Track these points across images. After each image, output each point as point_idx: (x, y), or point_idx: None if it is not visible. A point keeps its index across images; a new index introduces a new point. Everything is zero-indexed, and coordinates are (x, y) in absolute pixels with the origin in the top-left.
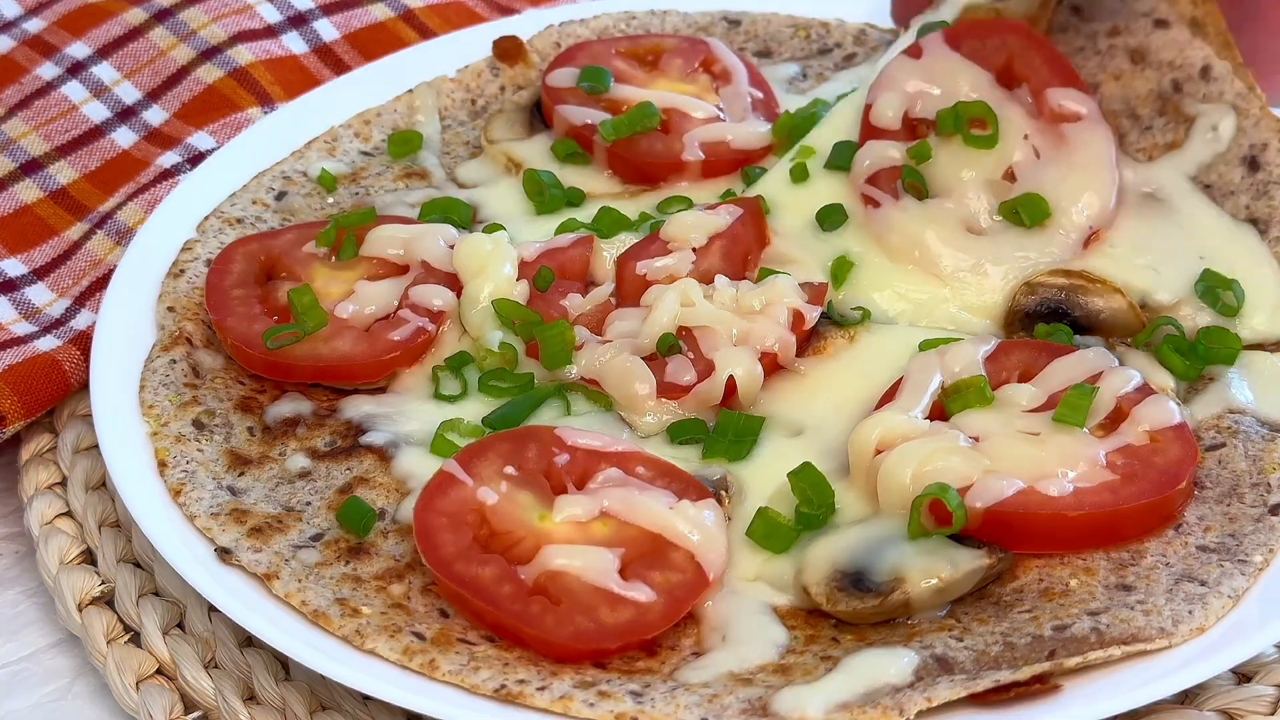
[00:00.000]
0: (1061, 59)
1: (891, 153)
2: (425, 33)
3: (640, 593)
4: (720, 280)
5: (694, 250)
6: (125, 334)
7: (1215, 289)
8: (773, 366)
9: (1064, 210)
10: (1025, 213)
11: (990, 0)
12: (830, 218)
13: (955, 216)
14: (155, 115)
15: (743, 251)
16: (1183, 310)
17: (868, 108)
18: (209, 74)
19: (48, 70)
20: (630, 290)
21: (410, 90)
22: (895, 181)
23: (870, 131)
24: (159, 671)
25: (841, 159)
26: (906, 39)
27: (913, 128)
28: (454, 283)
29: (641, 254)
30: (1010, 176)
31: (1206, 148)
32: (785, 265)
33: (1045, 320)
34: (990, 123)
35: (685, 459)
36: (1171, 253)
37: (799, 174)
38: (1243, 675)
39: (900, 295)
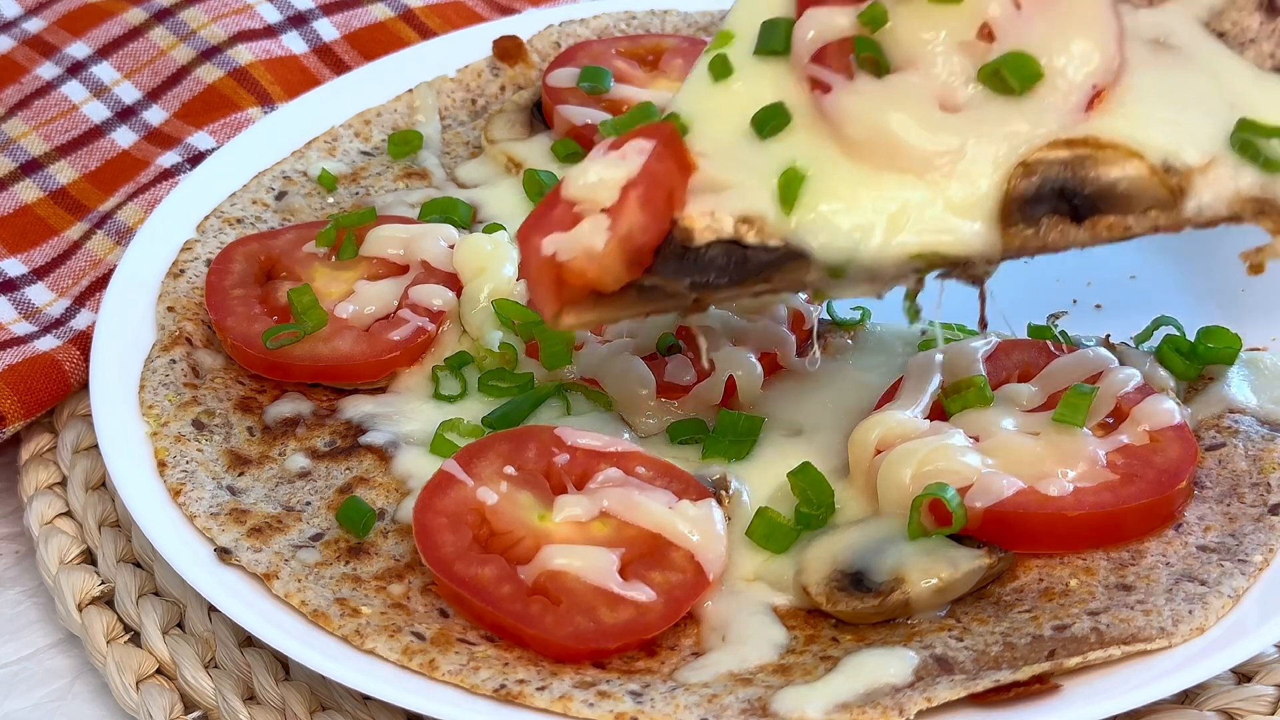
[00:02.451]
0: None
1: (839, 20)
2: (425, 33)
3: (640, 593)
4: None
5: (606, 212)
6: (125, 334)
7: (1255, 140)
8: (773, 366)
9: (1058, 68)
10: (1011, 75)
11: None
12: (770, 121)
13: (925, 91)
14: (155, 115)
15: (665, 193)
16: (1217, 170)
17: None
18: (209, 74)
19: (48, 70)
20: (537, 271)
21: (410, 90)
22: (847, 57)
23: None
24: (159, 671)
25: (774, 40)
26: None
27: None
28: (454, 283)
29: (544, 224)
30: (988, 35)
31: None
32: (719, 193)
33: (1049, 205)
34: None
35: (685, 459)
36: (1194, 103)
37: (720, 69)
38: (1243, 675)
39: (868, 206)
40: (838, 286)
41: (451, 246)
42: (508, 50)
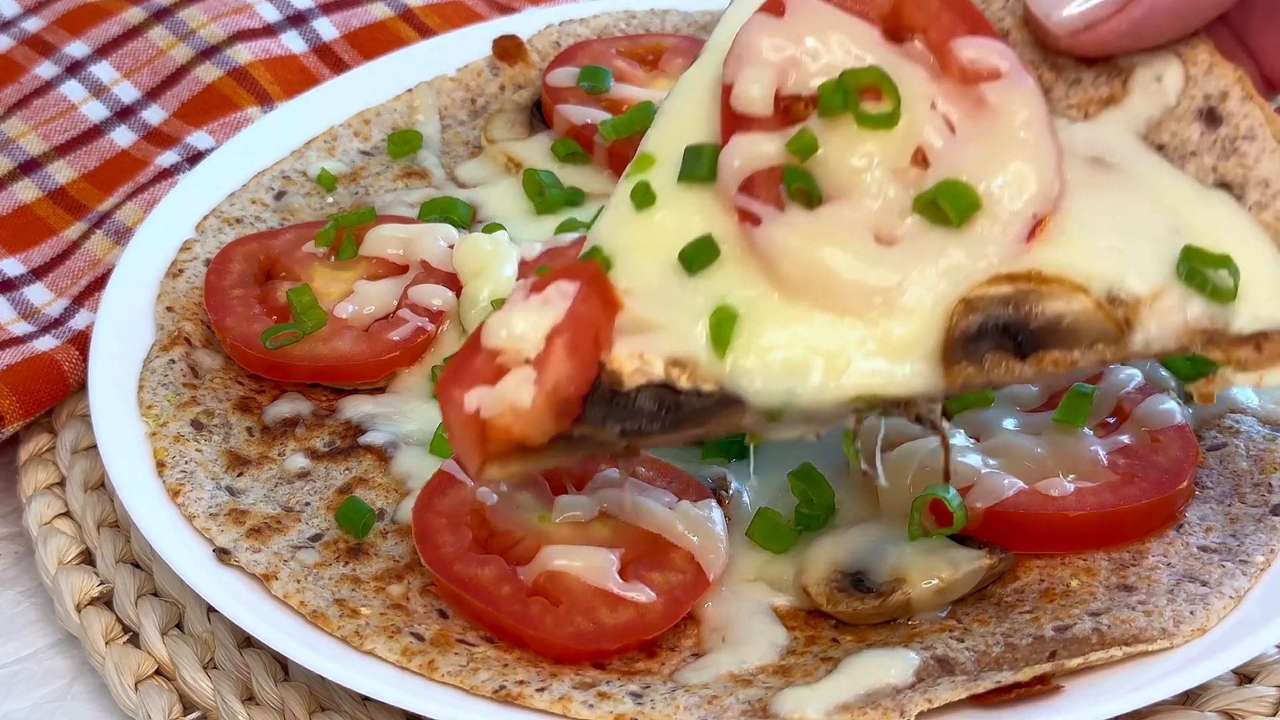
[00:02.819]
0: (962, 1)
1: (766, 148)
2: (425, 32)
3: (640, 593)
4: None
5: (530, 364)
6: (124, 334)
7: (1202, 269)
8: None
9: (996, 196)
10: (949, 206)
11: None
12: (698, 256)
13: (860, 223)
14: (154, 115)
15: (591, 337)
16: (1164, 300)
17: (726, 90)
18: (208, 73)
19: (46, 70)
20: (460, 426)
21: (410, 90)
22: (777, 186)
23: (734, 122)
24: (158, 672)
25: (699, 168)
26: None
27: (787, 110)
28: (454, 283)
29: (465, 376)
30: (921, 161)
31: (1152, 101)
32: (648, 333)
33: (993, 341)
34: (887, 93)
35: (685, 459)
36: (1138, 228)
37: (641, 197)
38: (1244, 676)
39: (805, 348)
40: (774, 429)
41: (451, 246)
42: (507, 50)
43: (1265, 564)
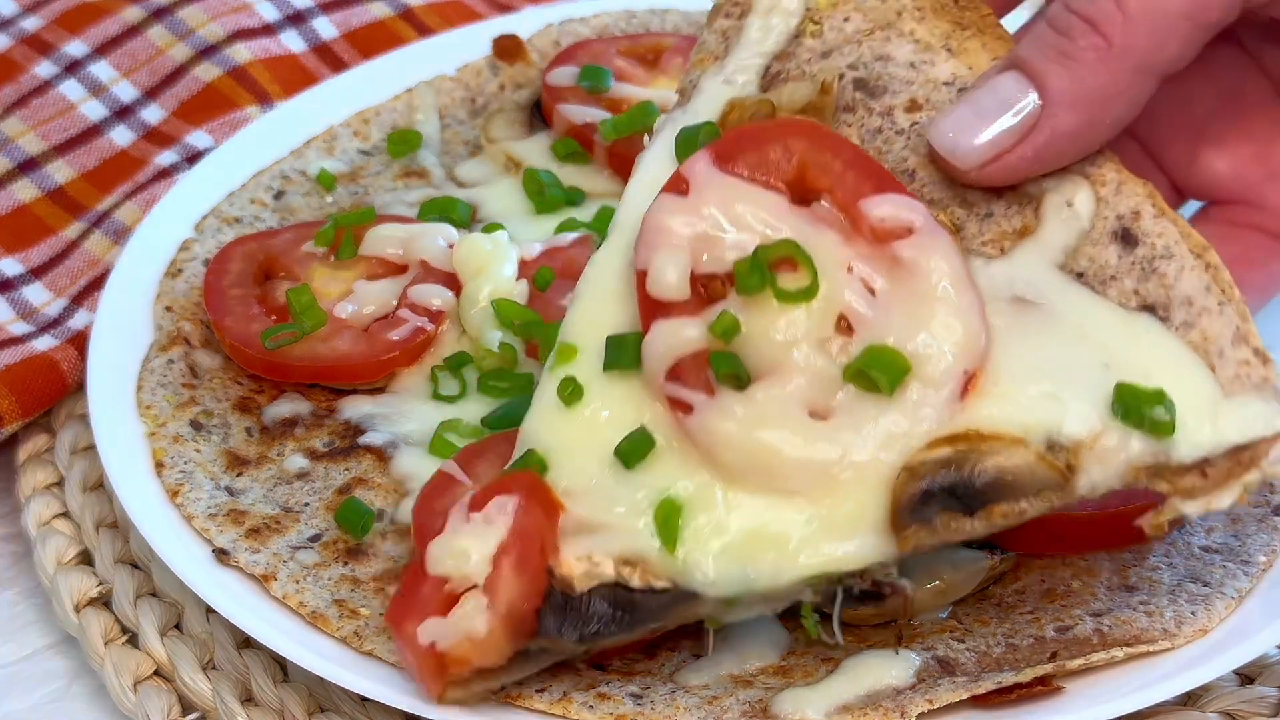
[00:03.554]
0: (865, 158)
1: (688, 333)
2: (424, 31)
3: None
4: None
5: (480, 588)
6: (122, 334)
7: (1138, 406)
8: None
9: (924, 356)
10: (878, 374)
11: (756, 94)
12: (634, 451)
13: (792, 401)
14: (153, 114)
15: (538, 549)
16: (1104, 441)
17: (641, 275)
18: (207, 72)
19: (45, 69)
20: (417, 659)
21: (409, 89)
22: (704, 371)
23: (652, 309)
24: (157, 673)
25: (623, 358)
26: (655, 153)
27: (705, 288)
28: (453, 282)
29: (415, 607)
30: (846, 328)
31: (1066, 228)
32: (593, 534)
33: (940, 503)
34: (803, 265)
35: None
36: (1069, 369)
37: (569, 394)
38: (1245, 676)
39: (755, 534)
40: (732, 613)
41: (451, 246)
42: (507, 49)
43: (1267, 564)
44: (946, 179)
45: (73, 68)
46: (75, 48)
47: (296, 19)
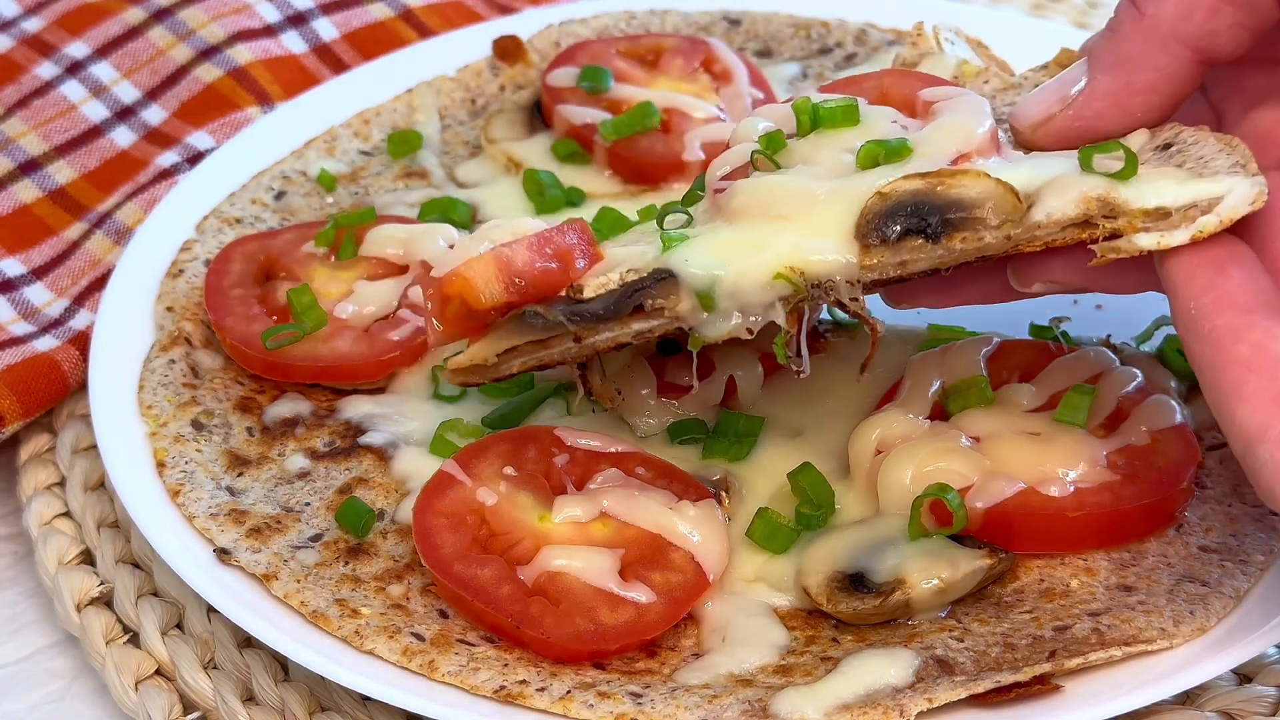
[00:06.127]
0: (928, 77)
1: (739, 153)
2: (425, 32)
3: (640, 594)
4: None
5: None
6: (124, 334)
7: (1099, 155)
8: (773, 367)
9: (926, 142)
10: (881, 152)
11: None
12: (667, 211)
13: (808, 173)
14: (154, 115)
15: (557, 253)
16: (1070, 193)
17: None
18: (208, 73)
19: (46, 70)
20: (427, 293)
21: (410, 90)
22: (746, 170)
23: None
24: (158, 672)
25: (695, 188)
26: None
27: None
28: None
29: (442, 260)
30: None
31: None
32: (615, 269)
33: (904, 225)
34: (847, 114)
35: (685, 459)
36: (1054, 162)
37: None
38: (1244, 676)
39: (735, 244)
40: (711, 322)
41: (451, 246)
42: (507, 50)
43: (1265, 564)
44: (1018, 145)
45: (74, 68)
46: (76, 48)
47: (297, 20)
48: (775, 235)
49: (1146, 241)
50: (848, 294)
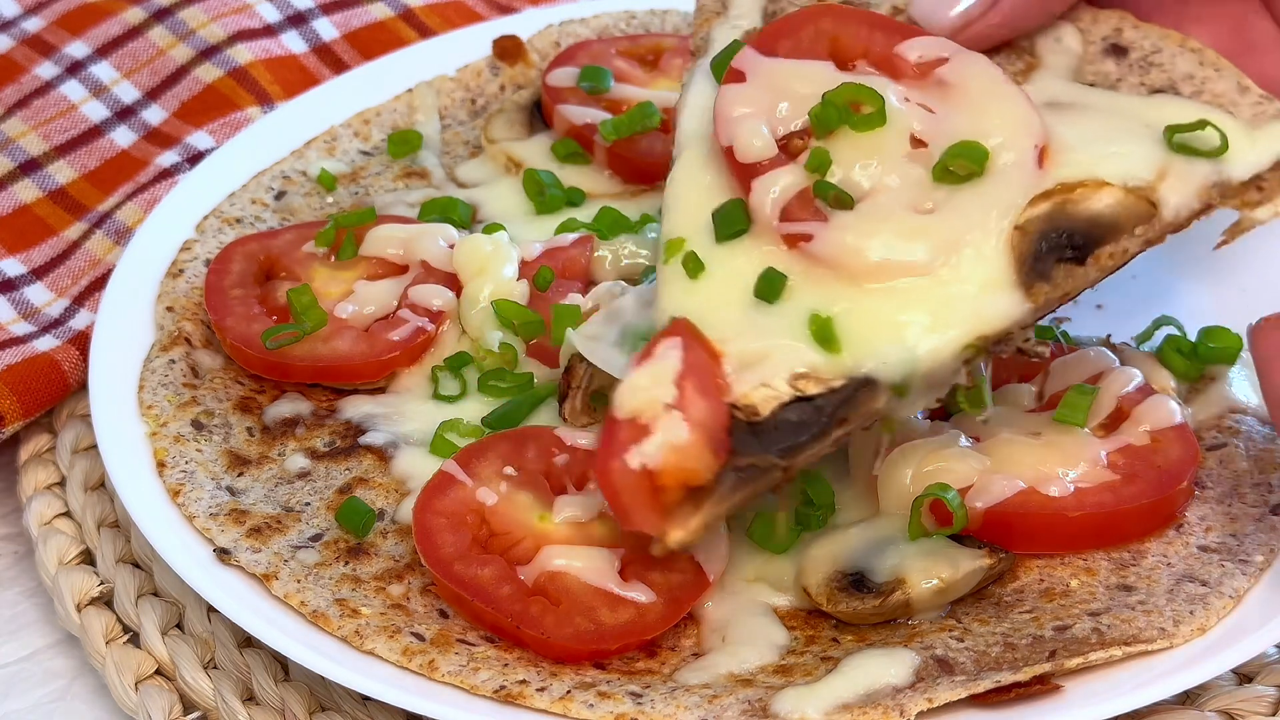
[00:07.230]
0: (887, 19)
1: (787, 178)
2: (425, 32)
3: (640, 593)
4: None
5: (671, 406)
6: (124, 334)
7: (1189, 137)
8: None
9: (1000, 141)
10: (965, 161)
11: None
12: (772, 285)
13: (897, 205)
14: (154, 115)
15: (711, 380)
16: (1170, 177)
17: (728, 152)
18: (208, 73)
19: (46, 70)
20: (630, 491)
21: (410, 89)
22: (812, 204)
23: (746, 173)
24: (158, 672)
25: (734, 221)
26: (697, 88)
27: (786, 147)
28: (454, 283)
29: (616, 448)
30: (919, 143)
31: (1063, 57)
32: (759, 365)
33: (1055, 255)
34: (867, 99)
35: None
36: (1119, 135)
37: (693, 266)
38: (1244, 675)
39: (904, 319)
40: (904, 405)
41: (451, 246)
42: (507, 50)
43: (1265, 564)
44: None
45: (74, 68)
46: (76, 48)
47: (297, 20)
48: (943, 303)
49: (1264, 214)
50: (1022, 339)
